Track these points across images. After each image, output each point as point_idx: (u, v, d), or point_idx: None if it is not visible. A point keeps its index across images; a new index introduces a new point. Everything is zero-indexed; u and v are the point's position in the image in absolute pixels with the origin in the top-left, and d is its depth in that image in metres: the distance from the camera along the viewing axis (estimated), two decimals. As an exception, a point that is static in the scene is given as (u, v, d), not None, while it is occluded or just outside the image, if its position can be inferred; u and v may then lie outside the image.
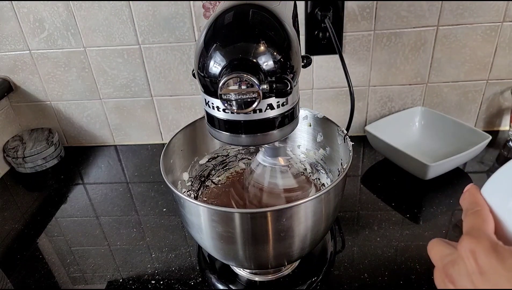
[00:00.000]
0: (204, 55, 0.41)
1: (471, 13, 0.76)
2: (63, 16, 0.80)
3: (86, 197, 0.80)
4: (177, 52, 0.83)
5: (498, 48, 0.79)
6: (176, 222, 0.72)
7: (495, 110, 0.87)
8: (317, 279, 0.59)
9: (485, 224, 0.30)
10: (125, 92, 0.89)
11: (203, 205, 0.47)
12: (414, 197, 0.73)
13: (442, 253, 0.32)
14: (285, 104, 0.43)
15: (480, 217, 0.31)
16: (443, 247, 0.33)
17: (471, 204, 0.33)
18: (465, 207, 0.33)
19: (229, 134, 0.45)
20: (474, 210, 0.32)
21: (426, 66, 0.82)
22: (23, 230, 0.73)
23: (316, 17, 0.76)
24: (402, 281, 0.57)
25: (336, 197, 0.52)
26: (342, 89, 0.86)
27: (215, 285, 0.60)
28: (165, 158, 0.56)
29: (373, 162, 0.84)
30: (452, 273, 0.30)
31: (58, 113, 0.94)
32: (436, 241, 0.34)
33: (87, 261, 0.65)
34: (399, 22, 0.77)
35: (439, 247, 0.33)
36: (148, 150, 0.94)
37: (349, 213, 0.71)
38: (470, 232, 0.30)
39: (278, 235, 0.48)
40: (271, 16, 0.41)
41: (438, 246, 0.33)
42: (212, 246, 0.52)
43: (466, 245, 0.29)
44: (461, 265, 0.29)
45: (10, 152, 0.87)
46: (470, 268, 0.28)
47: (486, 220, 0.31)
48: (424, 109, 0.86)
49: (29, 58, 0.86)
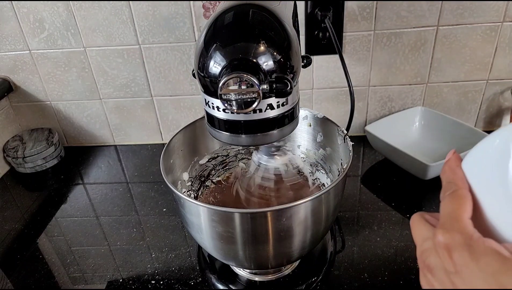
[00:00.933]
0: (204, 55, 0.41)
1: (471, 13, 0.76)
2: (63, 16, 0.80)
3: (86, 197, 0.80)
4: (177, 52, 0.83)
5: (498, 48, 0.79)
6: (176, 222, 0.72)
7: (495, 110, 0.87)
8: (317, 279, 0.59)
9: (461, 210, 0.28)
10: (125, 92, 0.89)
11: (203, 205, 0.47)
12: (414, 197, 0.73)
13: (422, 235, 0.31)
14: (285, 104, 0.43)
15: (457, 200, 0.29)
16: (423, 227, 0.31)
17: (448, 183, 0.31)
18: (443, 185, 0.31)
19: (229, 134, 0.45)
20: (451, 191, 0.30)
21: (426, 66, 0.82)
22: (23, 230, 0.73)
23: (316, 17, 0.76)
24: (402, 281, 0.57)
25: (336, 197, 0.52)
26: (342, 89, 0.86)
27: (215, 285, 0.60)
28: (165, 158, 0.56)
29: (373, 162, 0.84)
30: (429, 264, 0.29)
31: (58, 113, 0.94)
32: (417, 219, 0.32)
33: (87, 261, 0.65)
34: (399, 22, 0.77)
35: (419, 227, 0.31)
36: (148, 150, 0.94)
37: (349, 213, 0.71)
38: (444, 223, 0.28)
39: (278, 235, 0.48)
40: (271, 16, 0.42)
41: (419, 225, 0.32)
42: (212, 246, 0.52)
43: (440, 239, 0.28)
44: (437, 259, 0.28)
45: (10, 152, 0.87)
46: (446, 265, 0.27)
47: (462, 205, 0.29)
48: (424, 109, 0.86)
49: (29, 58, 0.86)
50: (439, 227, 0.29)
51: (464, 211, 0.28)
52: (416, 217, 0.32)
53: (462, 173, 0.31)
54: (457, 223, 0.28)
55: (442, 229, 0.28)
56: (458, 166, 0.31)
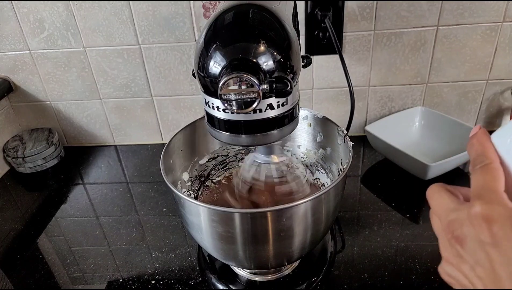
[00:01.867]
0: (204, 55, 0.41)
1: (471, 13, 0.76)
2: (63, 16, 0.80)
3: (86, 197, 0.80)
4: (177, 52, 0.83)
5: (498, 48, 0.79)
6: (176, 222, 0.72)
7: (495, 110, 0.87)
8: (317, 279, 0.59)
9: (496, 182, 0.28)
10: (125, 92, 0.89)
11: (203, 205, 0.47)
12: (414, 197, 0.73)
13: (446, 206, 0.30)
14: (285, 104, 0.43)
15: (490, 173, 0.28)
16: (447, 198, 0.30)
17: (479, 156, 0.29)
18: (473, 158, 0.30)
19: (229, 134, 0.45)
20: (483, 164, 0.29)
21: (426, 66, 0.82)
22: (23, 230, 0.73)
23: (316, 17, 0.76)
24: (402, 281, 0.57)
25: (336, 197, 0.52)
26: (342, 89, 0.86)
27: (215, 285, 0.60)
28: (165, 158, 0.56)
29: (373, 162, 0.84)
30: (459, 235, 0.28)
31: (58, 113, 0.94)
32: (438, 188, 0.31)
33: (87, 261, 0.65)
34: (399, 22, 0.77)
35: (442, 198, 0.31)
36: (148, 150, 0.94)
37: (349, 213, 0.71)
38: (481, 195, 0.27)
39: (278, 235, 0.48)
40: (271, 16, 0.42)
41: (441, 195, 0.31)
42: (212, 246, 0.52)
43: (478, 211, 0.26)
44: (471, 230, 0.27)
45: (10, 152, 0.87)
46: (482, 236, 0.26)
47: (496, 177, 0.28)
48: (424, 109, 0.86)
49: (29, 58, 0.86)
50: (475, 198, 0.28)
51: (499, 183, 0.28)
52: (436, 188, 0.32)
53: (492, 146, 0.30)
54: (495, 195, 0.27)
55: (480, 200, 0.27)
56: (487, 140, 0.30)
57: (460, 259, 0.28)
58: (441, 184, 0.32)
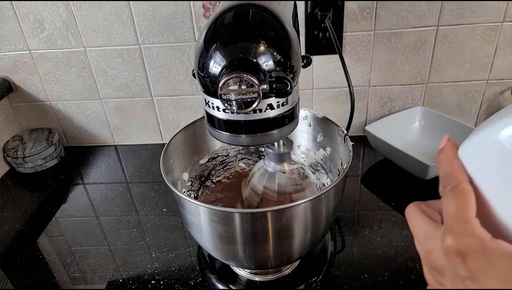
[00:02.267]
0: (204, 55, 0.41)
1: (471, 13, 0.76)
2: (63, 16, 0.80)
3: (86, 197, 0.80)
4: (177, 52, 0.83)
5: (498, 48, 0.79)
6: (176, 222, 0.72)
7: (495, 110, 0.87)
8: (317, 279, 0.59)
9: (466, 209, 0.26)
10: (125, 92, 0.89)
11: (203, 205, 0.47)
12: (414, 197, 0.72)
13: (424, 232, 0.29)
14: (285, 104, 0.43)
15: (460, 198, 0.27)
16: (423, 222, 0.29)
17: (447, 177, 0.28)
18: (442, 178, 0.29)
19: (229, 134, 0.45)
20: (452, 186, 0.27)
21: (426, 66, 0.82)
22: (23, 230, 0.73)
23: (316, 17, 0.76)
24: (402, 281, 0.57)
25: (336, 197, 0.52)
26: (342, 89, 0.86)
27: (215, 285, 0.60)
28: (165, 158, 0.56)
29: (373, 162, 0.84)
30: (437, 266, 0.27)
31: (58, 113, 0.94)
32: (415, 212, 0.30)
33: (87, 261, 0.65)
34: (399, 22, 0.77)
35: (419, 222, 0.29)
36: (148, 150, 0.94)
37: (349, 213, 0.71)
38: (452, 226, 0.26)
39: (278, 235, 0.48)
40: (271, 16, 0.42)
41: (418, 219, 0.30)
42: (212, 246, 0.52)
43: (450, 244, 0.26)
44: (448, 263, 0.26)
45: (10, 152, 0.87)
46: (458, 270, 0.26)
47: (467, 202, 0.26)
48: (424, 109, 0.86)
49: (29, 58, 0.86)
50: (447, 230, 0.27)
51: (469, 209, 0.26)
52: (413, 210, 0.31)
53: (460, 163, 0.28)
54: (466, 225, 0.26)
55: (451, 234, 0.26)
56: (454, 156, 0.29)
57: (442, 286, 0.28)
58: (417, 205, 0.31)
